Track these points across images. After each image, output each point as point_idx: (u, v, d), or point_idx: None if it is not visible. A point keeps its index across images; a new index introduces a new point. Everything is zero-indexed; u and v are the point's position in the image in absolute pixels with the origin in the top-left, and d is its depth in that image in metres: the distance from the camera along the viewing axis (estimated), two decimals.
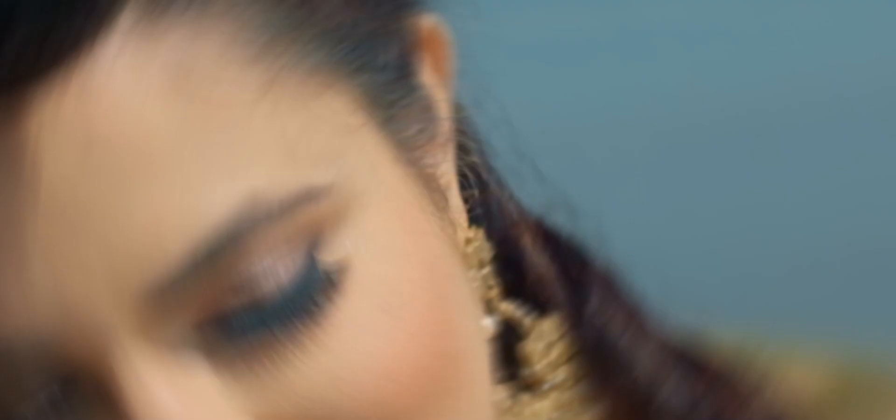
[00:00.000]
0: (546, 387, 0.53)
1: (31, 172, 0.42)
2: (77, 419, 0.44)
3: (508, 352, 0.53)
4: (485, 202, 0.55)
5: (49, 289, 0.43)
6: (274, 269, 0.43)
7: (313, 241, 0.44)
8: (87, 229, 0.42)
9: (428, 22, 0.50)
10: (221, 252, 0.43)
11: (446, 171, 0.50)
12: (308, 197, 0.44)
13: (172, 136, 0.43)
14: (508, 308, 0.53)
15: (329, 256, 0.44)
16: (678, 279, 0.60)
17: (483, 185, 0.54)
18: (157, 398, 0.43)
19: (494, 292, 0.52)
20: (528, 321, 0.54)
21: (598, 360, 0.55)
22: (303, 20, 0.45)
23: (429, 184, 0.49)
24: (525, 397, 0.53)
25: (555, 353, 0.54)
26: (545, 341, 0.54)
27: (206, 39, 0.43)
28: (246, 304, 0.43)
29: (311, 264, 0.44)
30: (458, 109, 0.52)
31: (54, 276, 0.43)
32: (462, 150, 0.53)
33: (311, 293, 0.44)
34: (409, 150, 0.48)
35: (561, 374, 0.54)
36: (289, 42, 0.45)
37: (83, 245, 0.42)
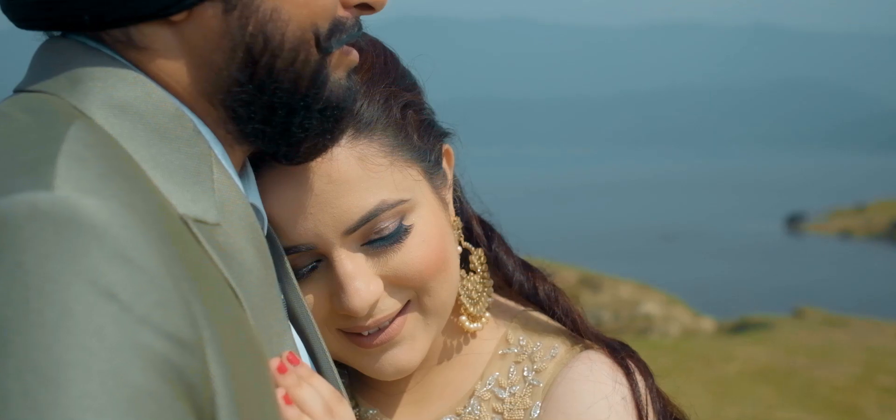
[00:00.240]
0: (477, 273, 1.59)
1: (320, 181, 1.44)
2: (321, 275, 1.47)
3: (464, 260, 1.58)
4: (461, 208, 1.61)
5: (312, 227, 1.44)
6: (388, 225, 1.46)
7: (401, 217, 1.47)
8: (328, 206, 1.44)
9: (447, 145, 1.56)
10: (370, 219, 1.45)
11: (448, 197, 1.55)
12: (400, 202, 1.46)
13: (358, 177, 1.44)
14: (466, 244, 1.59)
15: (406, 223, 1.47)
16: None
17: (460, 202, 1.61)
18: (346, 265, 1.46)
19: (461, 238, 1.58)
20: (472, 250, 1.59)
21: (496, 265, 1.61)
22: (405, 141, 1.48)
23: (442, 200, 1.53)
24: (470, 276, 1.58)
25: (479, 262, 1.59)
26: (477, 257, 1.59)
27: (369, 145, 1.46)
28: (378, 236, 1.46)
29: (401, 225, 1.46)
30: (455, 176, 1.59)
31: (315, 222, 1.44)
32: (455, 189, 1.59)
33: (400, 233, 1.46)
34: (436, 189, 1.52)
35: (480, 269, 1.59)
36: (399, 147, 1.47)
37: (326, 212, 1.44)
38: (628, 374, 1.53)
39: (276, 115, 1.25)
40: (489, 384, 1.57)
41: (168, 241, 1.08)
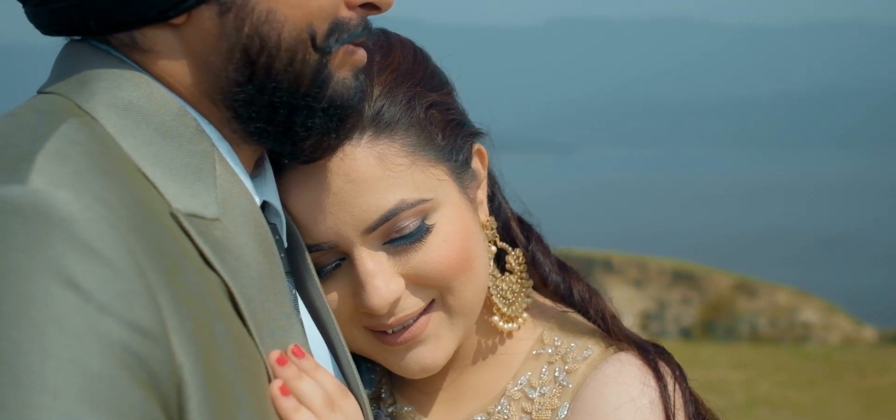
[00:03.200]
0: (514, 274, 1.58)
1: (340, 180, 1.45)
2: (344, 273, 1.49)
3: (501, 260, 1.58)
4: (499, 207, 1.61)
5: (332, 226, 1.46)
6: (408, 224, 1.47)
7: (423, 216, 1.47)
8: (348, 205, 1.46)
9: (478, 144, 1.56)
10: (390, 218, 1.46)
11: (480, 196, 1.57)
12: (421, 202, 1.47)
13: (377, 176, 1.45)
14: (502, 244, 1.59)
15: (429, 222, 1.48)
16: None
17: (498, 202, 1.61)
18: (367, 263, 1.47)
19: (497, 238, 1.58)
20: (509, 250, 1.59)
21: (533, 265, 1.59)
22: (428, 141, 1.49)
23: (471, 200, 1.54)
24: (506, 276, 1.58)
25: (517, 263, 1.59)
26: (514, 257, 1.59)
27: (390, 144, 1.46)
28: (399, 235, 1.47)
29: (423, 224, 1.47)
30: (492, 175, 1.60)
31: (335, 221, 1.46)
32: (492, 186, 1.60)
33: (422, 232, 1.47)
34: (464, 189, 1.52)
35: (518, 269, 1.58)
36: (422, 148, 1.48)
37: (346, 211, 1.46)
38: (658, 377, 1.51)
39: (277, 114, 1.29)
40: (520, 384, 1.56)
41: (141, 235, 1.12)
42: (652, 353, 1.53)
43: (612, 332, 1.56)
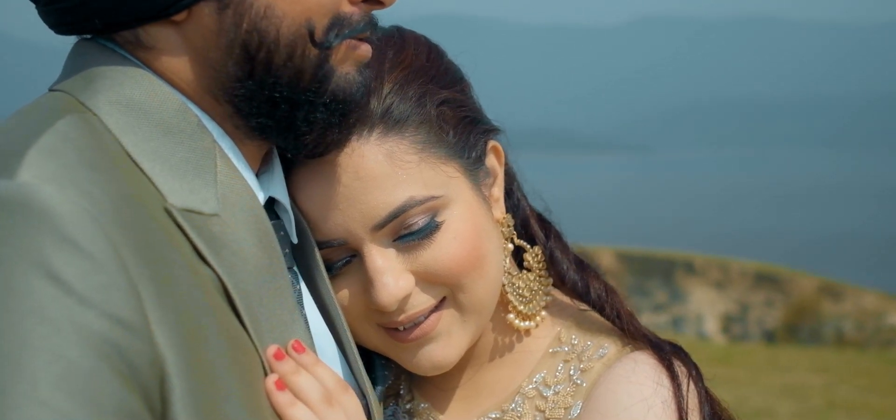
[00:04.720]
0: (532, 272, 1.57)
1: (348, 177, 1.46)
2: (355, 269, 1.49)
3: (520, 258, 1.57)
4: (517, 204, 1.60)
5: (342, 222, 1.47)
6: (417, 221, 1.46)
7: (433, 213, 1.47)
8: (356, 202, 1.46)
9: (493, 141, 1.55)
10: (398, 215, 1.46)
11: (496, 194, 1.56)
12: (430, 199, 1.47)
13: (386, 174, 1.46)
14: (520, 242, 1.58)
15: (438, 219, 1.47)
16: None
17: (517, 199, 1.61)
18: (376, 260, 1.47)
19: (514, 236, 1.57)
20: (527, 247, 1.58)
21: (550, 262, 1.58)
22: (439, 138, 1.49)
23: (484, 197, 1.53)
24: (523, 274, 1.57)
25: (535, 260, 1.57)
26: (532, 255, 1.58)
27: (399, 142, 1.46)
28: (407, 231, 1.47)
29: (432, 220, 1.47)
30: (510, 172, 1.59)
31: (344, 217, 1.46)
32: (511, 182, 1.59)
33: (431, 229, 1.47)
34: (477, 186, 1.52)
35: (536, 267, 1.57)
36: (432, 144, 1.48)
37: (354, 208, 1.46)
38: (672, 377, 1.49)
39: (278, 109, 1.30)
40: (535, 382, 1.56)
41: (126, 229, 1.15)
42: (667, 352, 1.52)
43: (627, 331, 1.54)
